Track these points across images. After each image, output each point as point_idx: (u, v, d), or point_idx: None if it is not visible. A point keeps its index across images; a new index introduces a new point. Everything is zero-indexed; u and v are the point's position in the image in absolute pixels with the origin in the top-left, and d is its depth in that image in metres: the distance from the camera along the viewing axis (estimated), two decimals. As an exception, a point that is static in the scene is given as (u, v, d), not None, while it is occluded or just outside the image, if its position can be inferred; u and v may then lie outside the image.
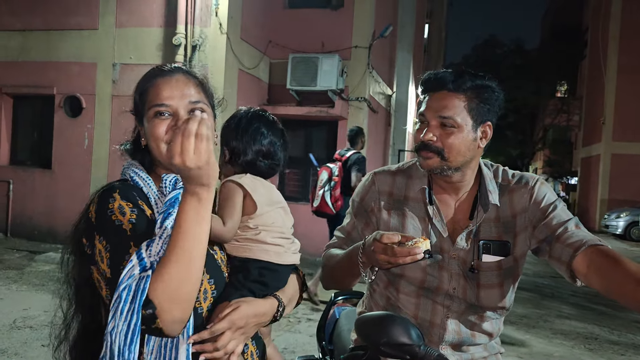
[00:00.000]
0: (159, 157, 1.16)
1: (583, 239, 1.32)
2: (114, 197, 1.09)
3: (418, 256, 1.21)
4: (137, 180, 1.18)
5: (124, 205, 1.09)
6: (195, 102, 1.17)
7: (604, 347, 4.84)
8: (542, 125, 30.10)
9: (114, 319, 0.98)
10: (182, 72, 1.22)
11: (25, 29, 8.03)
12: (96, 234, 1.07)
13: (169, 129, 1.14)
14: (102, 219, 1.08)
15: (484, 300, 1.45)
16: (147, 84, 1.19)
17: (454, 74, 1.41)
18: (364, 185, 1.60)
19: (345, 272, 1.46)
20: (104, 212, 1.08)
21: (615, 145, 18.39)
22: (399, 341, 1.12)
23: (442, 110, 1.39)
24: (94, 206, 1.10)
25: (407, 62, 13.10)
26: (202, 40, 7.07)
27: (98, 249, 1.06)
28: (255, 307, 1.23)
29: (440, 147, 1.40)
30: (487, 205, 1.45)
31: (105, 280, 1.06)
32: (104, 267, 1.05)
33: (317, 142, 9.01)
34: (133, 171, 1.20)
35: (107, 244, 1.05)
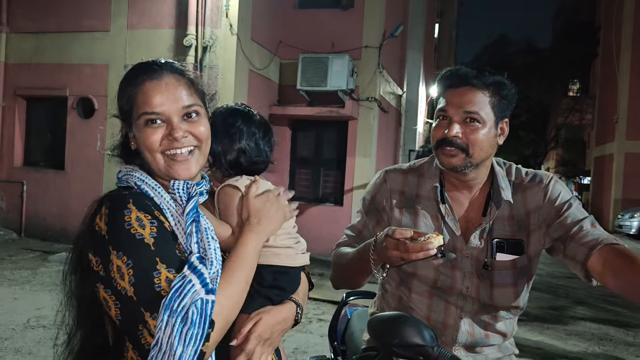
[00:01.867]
0: (154, 167, 1.10)
1: (598, 237, 1.29)
2: (130, 208, 1.00)
3: (431, 252, 1.19)
4: (145, 189, 1.08)
5: (142, 218, 1.00)
6: (188, 106, 1.10)
7: (619, 348, 4.78)
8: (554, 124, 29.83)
9: (181, 344, 0.92)
10: (170, 72, 1.11)
11: (38, 31, 8.12)
12: (112, 249, 0.98)
13: (164, 138, 1.08)
14: (119, 233, 0.98)
15: (498, 300, 1.43)
16: (134, 89, 1.09)
17: (477, 69, 1.40)
18: (376, 184, 1.58)
19: (356, 270, 1.45)
20: (120, 225, 0.99)
21: (628, 144, 18.16)
22: (411, 342, 1.11)
23: (466, 105, 1.37)
24: (102, 218, 1.00)
25: (418, 62, 13.06)
26: (213, 41, 7.09)
27: (116, 266, 0.97)
28: (276, 315, 1.19)
29: (465, 143, 1.37)
30: (499, 202, 1.43)
31: (120, 298, 0.97)
32: (124, 284, 0.96)
33: (327, 142, 9.01)
34: (138, 178, 1.09)
35: (129, 260, 0.97)
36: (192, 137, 1.10)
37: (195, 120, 1.11)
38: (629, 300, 1.19)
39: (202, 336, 0.94)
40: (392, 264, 1.30)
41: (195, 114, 1.11)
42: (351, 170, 8.58)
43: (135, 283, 0.96)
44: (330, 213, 8.60)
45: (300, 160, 9.05)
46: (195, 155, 1.12)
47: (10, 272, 6.02)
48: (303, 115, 8.56)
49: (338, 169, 8.84)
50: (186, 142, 1.09)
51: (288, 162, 8.98)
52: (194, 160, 1.11)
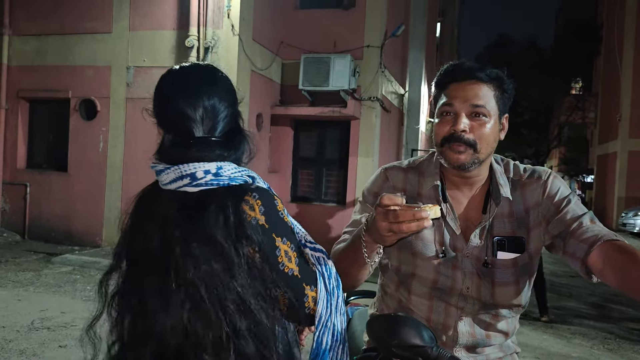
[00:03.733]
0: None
1: (598, 234, 1.27)
2: (276, 199, 1.12)
3: (426, 223, 1.05)
4: (262, 185, 1.16)
5: (283, 207, 1.14)
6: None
7: (623, 347, 4.77)
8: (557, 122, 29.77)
9: (339, 312, 1.16)
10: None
11: (40, 33, 8.14)
12: (276, 236, 1.08)
13: None
14: (277, 221, 1.09)
15: (499, 298, 1.42)
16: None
17: (480, 63, 1.39)
18: (376, 181, 1.54)
19: (350, 261, 1.31)
20: (276, 214, 1.10)
21: (632, 142, 18.09)
22: (410, 343, 1.11)
23: (473, 98, 1.34)
24: (256, 208, 1.06)
25: (420, 61, 13.04)
26: (215, 42, 7.10)
27: (283, 250, 1.08)
28: None
29: (472, 138, 1.34)
30: (498, 199, 1.42)
31: (287, 279, 1.09)
32: (292, 265, 1.09)
33: (330, 142, 9.01)
34: (257, 177, 1.18)
35: (291, 244, 1.10)
36: None
37: None
38: (629, 296, 1.18)
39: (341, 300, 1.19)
40: (383, 241, 1.16)
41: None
42: (354, 170, 8.58)
43: (299, 263, 1.11)
44: (333, 213, 8.60)
45: (302, 160, 9.06)
46: None
47: (14, 274, 6.04)
48: (305, 115, 8.56)
49: (340, 168, 8.84)
50: None
51: (290, 162, 8.98)
52: None
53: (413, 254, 1.44)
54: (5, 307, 4.71)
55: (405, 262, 1.46)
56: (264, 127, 8.27)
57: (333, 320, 1.14)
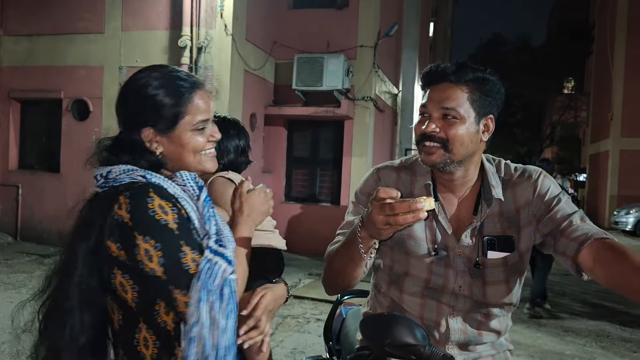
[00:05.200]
0: (190, 164, 1.22)
1: (588, 232, 1.29)
2: (152, 197, 1.10)
3: (421, 214, 1.08)
4: (155, 181, 1.16)
5: (164, 205, 1.10)
6: (214, 114, 1.32)
7: (616, 344, 4.80)
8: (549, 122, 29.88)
9: (224, 318, 1.09)
10: (204, 84, 1.28)
11: (32, 33, 8.09)
12: (138, 234, 1.07)
13: (208, 139, 1.25)
14: (143, 219, 1.07)
15: (491, 297, 1.43)
16: (186, 99, 1.19)
17: (456, 65, 1.39)
18: (368, 181, 1.55)
19: (346, 259, 1.32)
20: (144, 211, 1.08)
21: (623, 141, 18.22)
22: (403, 341, 1.11)
23: (444, 101, 1.36)
24: (123, 207, 1.08)
25: (413, 61, 13.06)
26: (208, 42, 7.08)
27: (143, 249, 1.06)
28: (276, 291, 1.39)
29: (443, 137, 1.36)
30: (490, 200, 1.43)
31: (147, 278, 1.07)
32: (153, 265, 1.06)
33: (323, 142, 9.01)
34: (147, 172, 1.17)
35: (157, 243, 1.07)
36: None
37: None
38: (620, 294, 1.20)
39: (235, 309, 1.12)
40: (379, 235, 1.17)
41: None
42: (347, 170, 8.59)
43: (164, 263, 1.06)
44: (327, 213, 8.60)
45: (296, 160, 9.05)
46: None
47: (6, 275, 6.00)
48: (299, 115, 8.56)
49: (334, 168, 8.85)
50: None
51: (284, 162, 8.98)
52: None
53: (406, 253, 1.45)
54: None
55: (398, 262, 1.47)
56: (257, 127, 8.26)
57: (205, 334, 1.06)
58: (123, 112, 1.22)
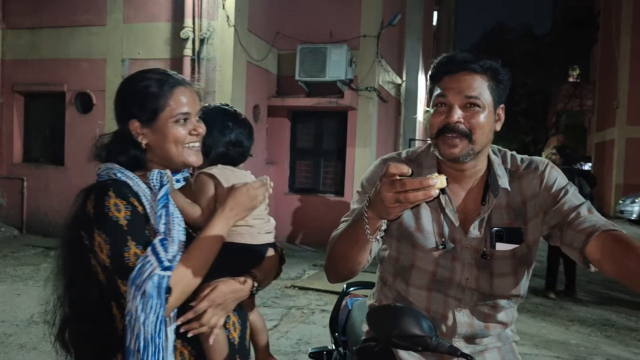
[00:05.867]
0: (173, 156, 1.33)
1: (596, 224, 1.28)
2: (109, 195, 1.23)
3: (432, 191, 1.02)
4: (124, 179, 1.29)
5: (119, 203, 1.23)
6: (199, 109, 1.39)
7: (621, 333, 4.79)
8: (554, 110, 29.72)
9: (144, 313, 1.16)
10: (189, 83, 1.39)
11: (34, 26, 8.08)
12: (95, 228, 1.22)
13: (190, 132, 1.34)
14: (100, 215, 1.22)
15: (498, 289, 1.42)
16: (166, 92, 1.31)
17: (474, 54, 1.38)
18: (375, 172, 1.52)
19: (351, 241, 1.27)
20: (101, 208, 1.22)
21: (629, 129, 18.10)
22: (410, 333, 1.11)
23: (467, 89, 1.34)
24: (91, 202, 1.24)
25: (417, 51, 12.99)
26: (210, 34, 7.05)
27: (97, 241, 1.21)
28: (232, 285, 1.37)
29: (467, 128, 1.34)
30: (497, 191, 1.42)
31: (102, 267, 1.22)
32: (103, 257, 1.21)
33: (327, 133, 8.99)
34: (118, 170, 1.30)
35: (107, 237, 1.21)
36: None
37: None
38: (627, 286, 1.19)
39: (161, 305, 1.17)
40: (388, 215, 1.12)
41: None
42: (351, 160, 8.57)
43: (110, 256, 1.20)
44: (331, 203, 8.60)
45: (300, 152, 9.03)
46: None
47: (12, 268, 6.04)
48: (302, 106, 8.53)
49: (338, 159, 8.83)
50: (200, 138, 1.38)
51: (288, 153, 8.96)
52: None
53: (413, 246, 1.44)
54: (5, 302, 4.71)
55: (404, 254, 1.46)
56: (260, 119, 8.24)
57: (131, 324, 1.17)
58: (116, 108, 1.36)
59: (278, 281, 6.13)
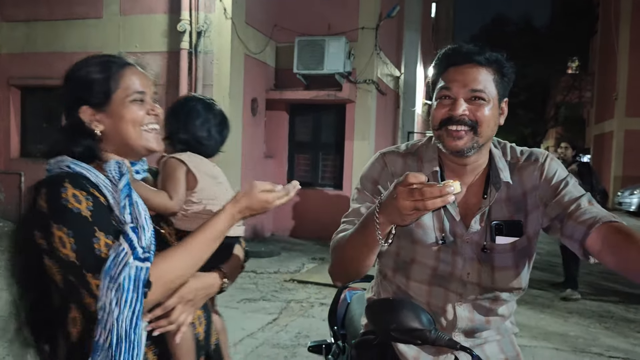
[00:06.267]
0: (131, 139, 1.24)
1: (596, 216, 1.27)
2: (65, 186, 1.13)
3: (449, 198, 1.05)
4: (80, 171, 1.19)
5: (78, 194, 1.13)
6: (154, 92, 1.30)
7: (619, 325, 4.81)
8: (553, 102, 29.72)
9: (118, 307, 1.07)
10: (140, 65, 1.30)
11: (29, 19, 8.02)
12: (53, 222, 1.11)
13: (148, 112, 1.26)
14: (58, 208, 1.11)
15: (499, 283, 1.41)
16: (115, 73, 1.24)
17: (479, 47, 1.37)
18: (374, 167, 1.50)
19: (359, 246, 1.28)
20: (58, 201, 1.11)
21: (628, 121, 18.08)
22: (409, 326, 1.10)
23: (472, 83, 1.33)
24: (42, 197, 1.13)
25: (415, 43, 12.93)
26: (207, 26, 7.01)
27: (57, 237, 1.10)
28: (202, 280, 1.31)
29: (473, 119, 1.33)
30: (498, 184, 1.41)
31: (65, 264, 1.11)
32: (67, 252, 1.10)
33: (325, 126, 8.96)
34: (71, 162, 1.20)
35: (69, 230, 1.10)
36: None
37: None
38: (627, 277, 1.18)
39: (137, 299, 1.09)
40: (402, 221, 1.14)
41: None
42: (350, 153, 8.55)
43: (76, 249, 1.10)
44: (330, 197, 8.59)
45: (298, 145, 9.01)
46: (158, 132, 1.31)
47: (11, 263, 6.02)
48: (300, 99, 8.50)
49: (337, 152, 8.81)
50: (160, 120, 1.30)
51: (286, 146, 8.94)
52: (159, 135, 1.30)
53: (413, 242, 1.42)
54: (1, 298, 4.69)
55: (404, 249, 1.44)
56: (259, 112, 8.21)
57: (105, 319, 1.09)
58: (63, 99, 1.27)
59: (277, 275, 6.13)
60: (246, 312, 4.65)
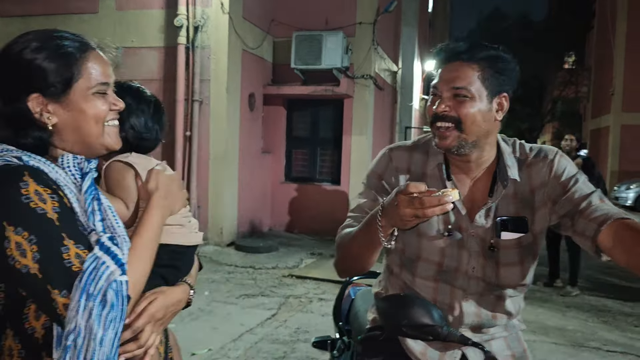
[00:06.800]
0: (92, 137, 1.06)
1: (608, 212, 1.27)
2: (26, 181, 0.92)
3: (448, 206, 1.11)
4: (34, 164, 0.98)
5: (42, 191, 0.93)
6: (114, 81, 1.16)
7: (617, 319, 4.83)
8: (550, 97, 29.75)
9: (102, 328, 0.91)
10: (100, 49, 1.15)
11: (25, 14, 7.95)
12: (7, 225, 0.90)
13: (111, 107, 1.11)
14: (16, 207, 0.91)
15: (504, 279, 1.41)
16: (77, 59, 1.06)
17: (468, 44, 1.37)
18: (380, 162, 1.53)
19: (363, 245, 1.34)
20: (16, 199, 0.91)
21: (624, 116, 18.12)
22: (420, 322, 1.11)
23: (454, 80, 1.35)
24: None
25: (413, 38, 12.91)
26: (204, 21, 6.97)
27: (15, 242, 0.90)
28: (171, 296, 1.19)
29: (455, 116, 1.35)
30: (505, 181, 1.41)
31: (19, 277, 0.91)
32: (27, 262, 0.90)
33: (323, 121, 8.94)
34: (24, 153, 0.99)
35: (32, 236, 0.90)
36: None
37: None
38: (628, 272, 1.18)
39: (122, 318, 0.94)
40: (403, 226, 1.20)
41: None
42: (348, 148, 8.54)
43: (40, 259, 0.90)
44: (328, 192, 8.59)
45: (296, 140, 8.99)
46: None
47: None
48: (298, 95, 8.47)
49: (334, 148, 8.80)
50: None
51: (284, 142, 8.92)
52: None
53: (418, 235, 1.43)
54: None
55: (410, 245, 1.45)
56: (256, 107, 8.19)
57: (79, 344, 0.90)
58: (4, 80, 1.05)
59: (275, 270, 6.13)
60: (245, 308, 4.64)
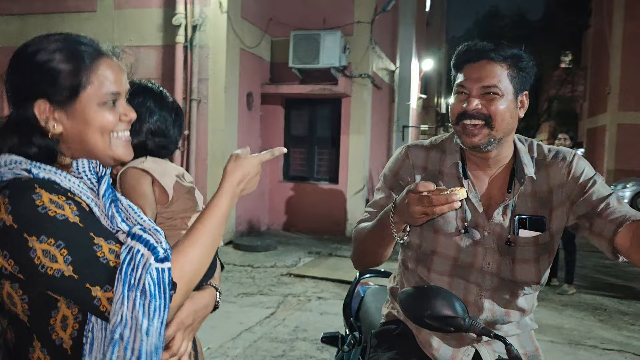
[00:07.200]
0: (97, 149, 1.02)
1: (626, 214, 1.31)
2: (38, 192, 0.91)
3: (455, 204, 1.18)
4: (45, 176, 0.96)
5: (56, 199, 0.92)
6: (127, 90, 1.10)
7: (613, 317, 4.86)
8: (546, 96, 29.81)
9: (147, 317, 0.90)
10: (115, 55, 1.08)
11: (23, 13, 7.94)
12: (28, 236, 0.88)
13: (120, 118, 1.05)
14: (33, 218, 0.89)
15: (519, 276, 1.44)
16: (87, 65, 1.01)
17: (493, 43, 1.42)
18: (397, 159, 1.57)
19: (377, 240, 1.43)
20: (32, 210, 0.89)
21: (621, 115, 18.17)
22: (443, 314, 1.14)
23: (485, 79, 1.38)
24: (2, 208, 0.90)
25: (410, 37, 12.94)
26: (203, 20, 6.97)
27: (42, 251, 0.88)
28: (199, 301, 1.16)
29: (486, 113, 1.38)
30: (522, 179, 1.44)
31: (54, 282, 0.90)
32: (59, 266, 0.89)
33: (321, 120, 8.96)
34: (35, 166, 0.97)
35: (58, 241, 0.89)
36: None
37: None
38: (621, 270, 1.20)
39: (165, 306, 0.92)
40: (414, 223, 1.29)
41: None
42: (345, 148, 8.56)
43: (73, 261, 0.89)
44: (326, 191, 8.61)
45: (294, 139, 9.00)
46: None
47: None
48: (296, 94, 8.49)
49: (332, 147, 8.82)
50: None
51: (282, 141, 8.94)
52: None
53: (435, 231, 1.47)
54: None
55: (426, 239, 1.48)
56: (254, 106, 8.20)
57: (126, 336, 0.89)
58: (10, 84, 1.03)
59: (274, 269, 6.15)
60: (244, 307, 4.66)
